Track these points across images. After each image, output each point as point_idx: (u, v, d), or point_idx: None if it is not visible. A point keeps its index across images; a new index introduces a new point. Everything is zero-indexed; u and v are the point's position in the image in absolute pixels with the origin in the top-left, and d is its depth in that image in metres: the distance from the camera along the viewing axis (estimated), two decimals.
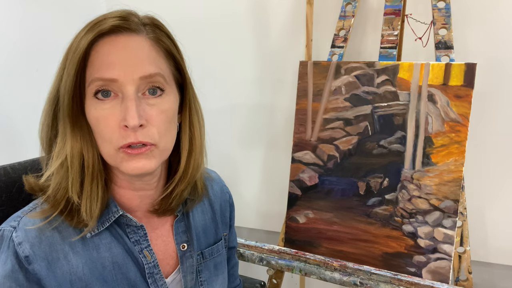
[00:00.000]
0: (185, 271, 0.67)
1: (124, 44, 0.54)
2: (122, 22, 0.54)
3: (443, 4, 1.06)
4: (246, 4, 1.45)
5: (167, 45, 0.58)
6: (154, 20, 0.59)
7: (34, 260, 0.54)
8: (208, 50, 1.53)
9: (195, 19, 1.52)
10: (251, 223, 1.60)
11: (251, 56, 1.48)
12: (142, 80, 0.54)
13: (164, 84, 0.57)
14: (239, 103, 1.53)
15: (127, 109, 0.53)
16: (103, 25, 0.53)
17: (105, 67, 0.53)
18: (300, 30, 1.38)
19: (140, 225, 0.62)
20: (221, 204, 0.78)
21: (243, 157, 1.57)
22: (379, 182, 1.07)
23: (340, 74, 1.12)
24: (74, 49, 0.53)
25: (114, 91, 0.54)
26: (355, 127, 1.10)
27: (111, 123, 0.54)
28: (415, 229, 1.02)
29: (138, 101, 0.54)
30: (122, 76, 0.53)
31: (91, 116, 0.55)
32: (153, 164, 0.56)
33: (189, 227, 0.68)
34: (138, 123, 0.53)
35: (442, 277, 0.98)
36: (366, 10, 1.31)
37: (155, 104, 0.56)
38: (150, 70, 0.54)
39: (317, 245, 1.14)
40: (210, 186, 0.76)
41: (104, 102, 0.54)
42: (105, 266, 0.59)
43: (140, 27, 0.56)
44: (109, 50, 0.53)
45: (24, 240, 0.55)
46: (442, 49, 1.04)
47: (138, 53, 0.54)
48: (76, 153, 0.55)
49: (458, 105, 0.98)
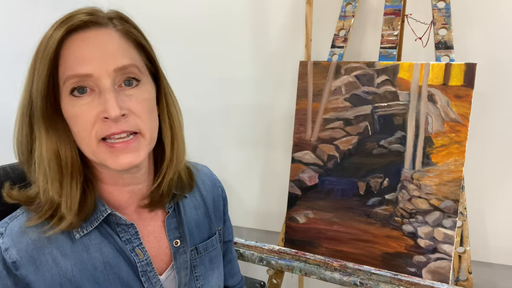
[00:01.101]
0: (178, 267, 0.66)
1: (94, 38, 0.54)
2: (90, 17, 0.54)
3: (443, 4, 1.06)
4: (246, 4, 1.45)
5: (136, 36, 0.58)
6: (119, 13, 0.59)
7: (21, 265, 0.54)
8: (208, 50, 1.53)
9: (195, 19, 1.52)
10: (251, 223, 1.60)
11: (251, 56, 1.48)
12: (117, 72, 0.54)
13: (139, 74, 0.57)
14: (239, 103, 1.53)
15: (106, 101, 0.52)
16: (71, 21, 0.53)
17: (78, 63, 0.53)
18: (299, 30, 1.38)
19: (130, 223, 0.61)
20: (214, 198, 0.77)
21: (243, 157, 1.56)
22: (379, 182, 1.07)
23: (340, 74, 1.12)
24: (43, 49, 0.53)
25: (90, 87, 0.54)
26: (355, 127, 1.10)
27: (89, 118, 0.53)
28: (415, 229, 1.02)
29: (116, 92, 0.54)
30: (97, 70, 0.53)
31: (68, 114, 0.54)
32: (141, 155, 0.56)
33: (181, 222, 0.68)
34: (119, 112, 0.52)
35: (442, 277, 0.98)
36: (366, 10, 1.31)
37: (133, 94, 0.56)
38: (123, 62, 0.54)
39: (317, 245, 1.14)
40: (201, 180, 0.76)
41: (81, 98, 0.54)
42: (96, 267, 0.58)
43: (107, 20, 0.56)
44: (79, 45, 0.53)
45: (11, 245, 0.55)
46: (442, 49, 1.04)
47: (109, 46, 0.54)
48: (52, 154, 0.55)
49: (458, 105, 0.98)
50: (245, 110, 1.53)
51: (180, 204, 0.69)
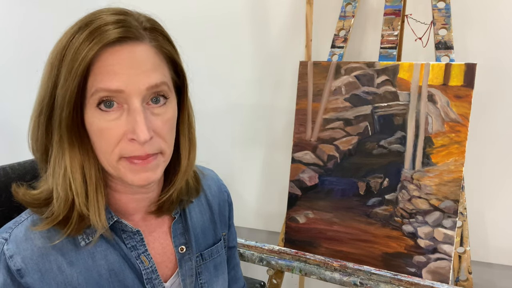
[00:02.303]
0: (184, 275, 0.66)
1: (128, 53, 0.52)
2: (125, 31, 0.51)
3: (443, 4, 1.06)
4: (246, 4, 1.45)
5: (169, 51, 0.57)
6: (154, 23, 0.57)
7: (26, 273, 0.53)
8: (208, 50, 1.53)
9: (195, 19, 1.52)
10: (251, 223, 1.60)
11: (251, 57, 1.48)
12: (149, 90, 0.52)
13: (168, 92, 0.55)
14: (239, 103, 1.53)
15: (136, 123, 0.51)
16: (105, 35, 0.50)
17: (110, 78, 0.51)
18: (299, 30, 1.38)
19: (136, 230, 0.60)
20: (220, 203, 0.77)
21: (243, 157, 1.57)
22: (379, 182, 1.07)
23: (340, 74, 1.12)
24: (73, 57, 0.50)
25: (118, 102, 0.52)
26: (355, 127, 1.10)
27: (115, 135, 0.52)
28: (415, 229, 1.02)
29: (145, 113, 0.52)
30: (129, 87, 0.51)
31: (93, 127, 0.53)
32: (158, 174, 0.56)
33: (187, 228, 0.67)
34: (148, 137, 0.51)
35: (442, 277, 0.98)
36: (366, 10, 1.31)
37: (160, 113, 0.54)
38: (156, 80, 0.53)
39: (317, 245, 1.14)
40: (207, 185, 0.75)
41: (108, 113, 0.52)
42: (101, 275, 0.57)
43: (142, 32, 0.54)
44: (113, 60, 0.51)
45: (16, 252, 0.54)
46: (442, 49, 1.04)
47: (143, 62, 0.52)
48: (76, 165, 0.54)
49: (458, 105, 0.98)
50: (245, 110, 1.53)
51: (186, 210, 0.69)
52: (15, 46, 1.32)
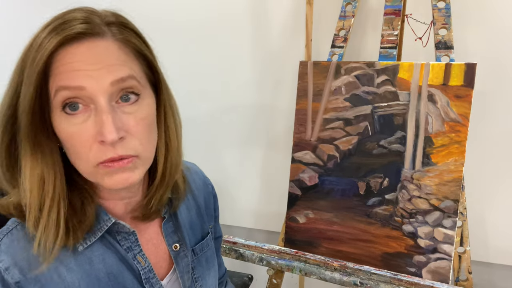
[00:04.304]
0: (181, 271, 0.66)
1: (89, 50, 0.49)
2: (84, 26, 0.48)
3: (443, 4, 1.06)
4: (246, 4, 1.45)
5: (136, 45, 0.53)
6: (119, 17, 0.53)
7: (26, 285, 0.51)
8: (208, 50, 1.53)
9: (195, 20, 1.52)
10: (251, 223, 1.60)
11: (251, 56, 1.48)
12: (114, 86, 0.49)
13: (139, 87, 0.52)
14: (239, 103, 1.53)
15: (102, 123, 0.48)
16: (65, 31, 0.48)
17: (70, 75, 0.48)
18: (300, 30, 1.38)
19: (132, 230, 0.60)
20: (205, 197, 0.76)
21: (243, 157, 1.57)
22: (379, 182, 1.07)
23: (340, 74, 1.12)
24: (32, 59, 0.48)
25: (83, 103, 0.49)
26: (355, 127, 1.10)
27: (85, 139, 0.49)
28: (415, 229, 1.02)
29: (113, 112, 0.49)
30: (91, 84, 0.48)
31: (62, 133, 0.50)
32: (137, 175, 0.53)
33: (178, 226, 0.67)
34: (116, 137, 0.48)
35: (442, 277, 0.98)
36: (366, 10, 1.31)
37: (132, 112, 0.51)
38: (121, 73, 0.49)
39: (317, 245, 1.14)
40: (192, 180, 0.74)
41: (75, 116, 0.49)
42: (100, 279, 0.56)
43: (104, 28, 0.50)
44: (71, 58, 0.48)
45: (11, 264, 0.51)
46: (442, 49, 1.04)
47: (106, 58, 0.49)
48: (34, 177, 0.50)
49: (458, 105, 0.98)
50: (245, 110, 1.53)
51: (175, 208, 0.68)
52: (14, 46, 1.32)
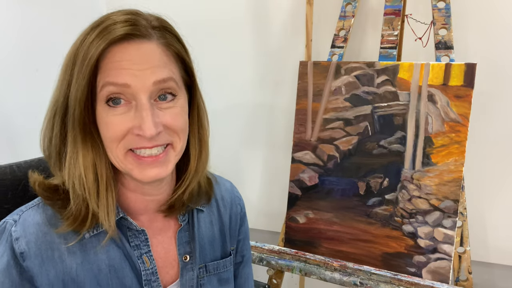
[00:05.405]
0: (184, 284, 0.65)
1: (135, 50, 0.53)
2: (132, 28, 0.53)
3: (443, 4, 1.06)
4: (246, 5, 1.45)
5: (177, 49, 0.58)
6: (163, 22, 0.58)
7: (28, 256, 0.54)
8: (208, 51, 1.53)
9: (195, 20, 1.52)
10: (251, 223, 1.59)
11: (251, 57, 1.48)
12: (155, 86, 0.53)
13: (176, 88, 0.56)
14: (240, 103, 1.53)
15: (142, 119, 0.52)
16: (113, 33, 0.52)
17: (117, 73, 0.52)
18: (300, 30, 1.38)
19: (141, 229, 0.60)
20: (231, 216, 0.75)
21: (243, 157, 1.56)
22: (379, 182, 1.07)
23: (340, 74, 1.12)
24: (83, 57, 0.52)
25: (126, 99, 0.53)
26: (355, 127, 1.10)
27: (121, 130, 0.53)
28: (415, 229, 1.02)
29: (152, 109, 0.53)
30: (135, 82, 0.52)
31: (101, 121, 0.54)
32: (169, 169, 0.57)
33: (193, 238, 0.66)
34: (155, 132, 0.52)
35: (442, 277, 0.98)
36: (366, 10, 1.31)
37: (168, 109, 0.55)
38: (163, 75, 0.54)
39: (317, 245, 1.14)
40: (220, 195, 0.74)
41: (116, 109, 0.53)
42: (101, 269, 0.58)
43: (150, 31, 0.55)
44: (120, 57, 0.53)
45: (21, 235, 0.55)
46: (442, 49, 1.04)
47: (150, 59, 0.54)
48: (89, 164, 0.55)
49: (458, 105, 0.98)
50: (245, 110, 1.53)
51: (195, 218, 0.68)
52: (14, 46, 1.32)
